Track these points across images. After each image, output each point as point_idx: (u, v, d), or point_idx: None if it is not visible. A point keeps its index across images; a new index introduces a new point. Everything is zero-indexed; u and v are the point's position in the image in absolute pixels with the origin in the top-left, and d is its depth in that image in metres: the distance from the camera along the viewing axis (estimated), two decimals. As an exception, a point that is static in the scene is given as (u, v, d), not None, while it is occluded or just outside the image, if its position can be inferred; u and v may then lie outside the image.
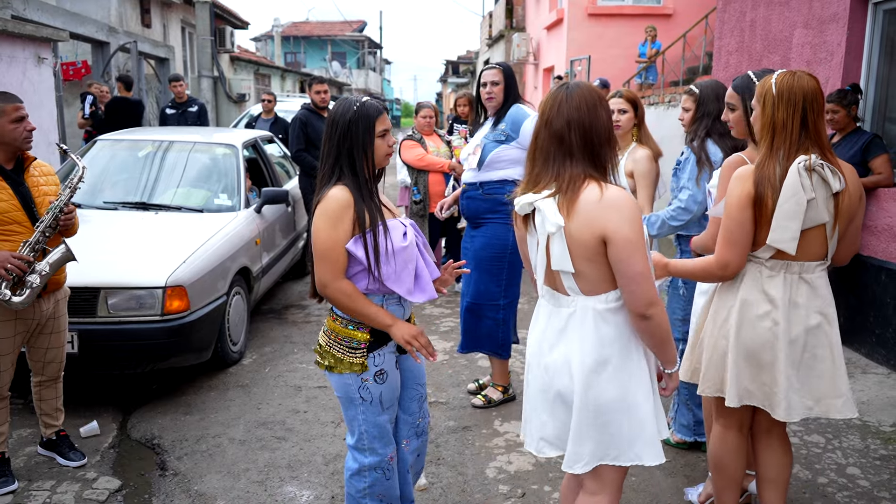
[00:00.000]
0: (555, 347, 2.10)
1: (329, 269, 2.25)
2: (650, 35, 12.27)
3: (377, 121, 2.29)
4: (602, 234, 1.94)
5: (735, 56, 6.82)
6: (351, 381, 2.35)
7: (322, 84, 6.76)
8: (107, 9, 12.92)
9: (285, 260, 6.13)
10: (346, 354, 2.34)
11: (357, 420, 2.40)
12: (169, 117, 8.76)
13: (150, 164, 5.38)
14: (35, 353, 3.30)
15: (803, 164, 2.31)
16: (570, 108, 2.02)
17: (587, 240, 1.96)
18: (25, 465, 3.40)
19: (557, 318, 2.11)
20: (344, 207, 2.22)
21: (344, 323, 2.35)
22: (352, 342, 2.34)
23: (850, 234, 2.51)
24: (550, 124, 2.04)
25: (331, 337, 2.38)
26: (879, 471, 3.41)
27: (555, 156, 2.03)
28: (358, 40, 45.15)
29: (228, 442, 3.66)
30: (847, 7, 5.18)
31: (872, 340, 4.80)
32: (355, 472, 2.44)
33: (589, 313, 2.05)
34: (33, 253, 3.03)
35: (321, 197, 2.27)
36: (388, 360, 2.39)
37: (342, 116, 2.29)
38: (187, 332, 4.01)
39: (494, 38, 21.41)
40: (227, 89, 16.22)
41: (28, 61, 7.43)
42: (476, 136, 4.02)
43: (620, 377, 2.05)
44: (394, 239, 2.26)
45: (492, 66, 3.97)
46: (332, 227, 2.21)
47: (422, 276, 2.36)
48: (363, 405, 2.37)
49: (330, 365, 2.37)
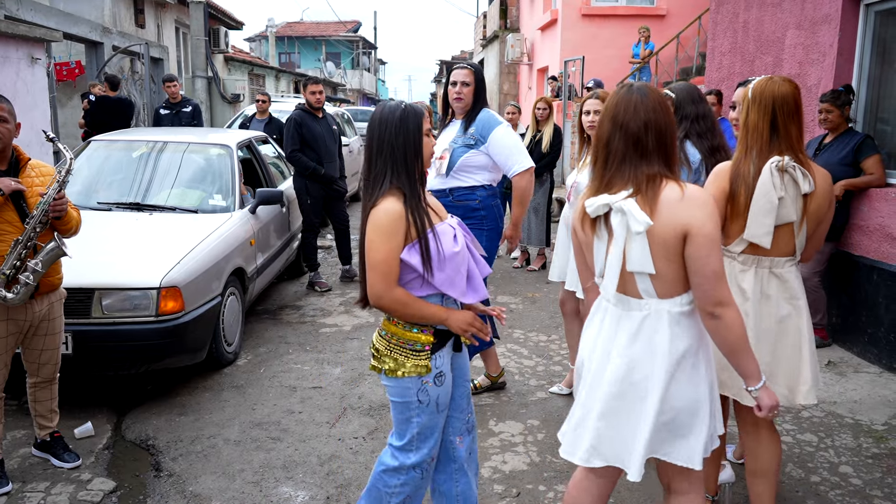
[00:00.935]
0: (627, 352, 2.09)
1: (383, 280, 2.22)
2: (644, 36, 12.30)
3: (423, 119, 2.31)
4: (685, 230, 1.96)
5: (728, 57, 6.84)
6: (411, 384, 2.32)
7: (317, 84, 6.75)
8: (100, 9, 12.90)
9: (280, 260, 6.13)
10: (410, 357, 2.31)
11: (411, 423, 2.37)
12: (163, 118, 8.75)
13: (144, 165, 5.37)
14: (30, 355, 3.29)
15: (776, 164, 2.48)
16: (646, 109, 2.04)
17: (669, 238, 1.98)
18: (20, 466, 3.39)
19: (629, 322, 2.09)
20: (397, 220, 2.20)
21: (407, 326, 2.32)
22: (415, 345, 2.31)
23: (817, 235, 2.65)
24: (626, 126, 2.05)
25: (391, 341, 2.34)
26: (871, 469, 3.43)
27: (630, 157, 2.05)
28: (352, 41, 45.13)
29: (223, 443, 3.66)
30: (839, 8, 5.20)
31: (864, 340, 4.83)
32: (392, 469, 2.41)
33: (664, 316, 2.05)
34: (25, 250, 3.02)
35: (374, 207, 2.24)
36: (446, 362, 2.38)
37: (391, 115, 2.28)
38: (182, 333, 4.01)
39: (488, 39, 21.42)
40: (222, 90, 16.19)
41: (21, 62, 7.41)
42: (442, 139, 3.92)
43: (694, 380, 2.06)
44: (445, 244, 2.25)
45: (463, 65, 3.86)
46: (387, 240, 2.20)
47: (473, 276, 2.36)
48: (419, 408, 2.34)
49: (390, 368, 2.33)
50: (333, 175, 6.60)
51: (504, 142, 3.83)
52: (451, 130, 3.91)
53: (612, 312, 2.15)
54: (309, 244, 6.64)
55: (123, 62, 13.62)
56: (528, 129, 7.38)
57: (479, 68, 3.91)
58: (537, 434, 3.78)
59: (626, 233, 2.02)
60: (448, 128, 3.96)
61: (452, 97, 3.82)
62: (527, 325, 5.65)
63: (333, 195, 6.70)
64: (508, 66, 19.28)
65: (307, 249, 6.66)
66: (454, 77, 3.81)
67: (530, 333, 5.46)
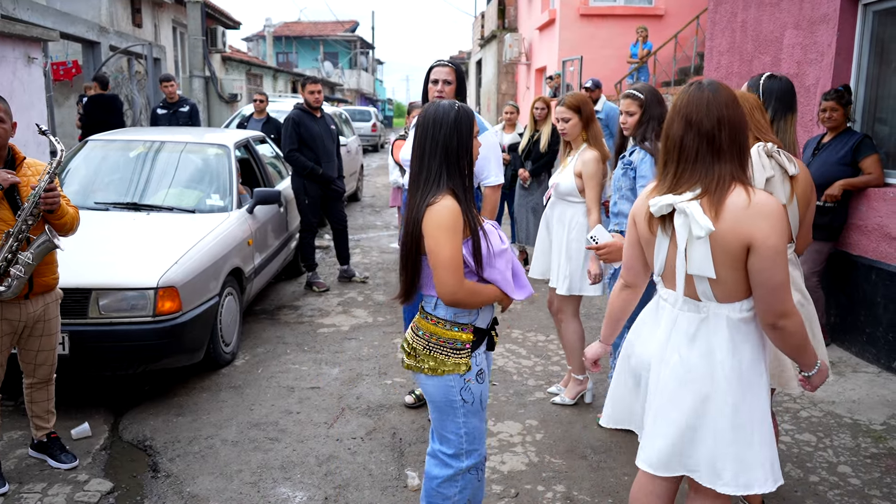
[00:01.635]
0: (685, 353, 2.06)
1: (455, 275, 2.21)
2: (641, 36, 12.31)
3: (474, 122, 2.33)
4: (748, 241, 1.90)
5: (726, 56, 6.84)
6: (454, 382, 2.31)
7: (316, 84, 6.74)
8: (97, 8, 12.87)
9: (278, 260, 6.12)
10: (451, 356, 2.30)
11: (457, 423, 2.35)
12: (160, 117, 8.73)
13: (141, 165, 5.36)
14: (26, 355, 3.28)
15: (762, 147, 2.65)
16: (719, 106, 1.99)
17: (732, 246, 1.93)
18: (16, 467, 3.38)
19: (687, 323, 2.07)
20: (457, 217, 2.21)
21: (447, 325, 2.31)
22: (455, 343, 2.30)
23: (806, 220, 2.78)
24: (700, 124, 1.99)
25: (430, 340, 2.32)
26: (870, 469, 3.43)
27: (702, 156, 1.99)
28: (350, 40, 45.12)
29: (221, 443, 3.65)
30: (837, 8, 5.21)
31: (863, 339, 4.83)
32: (446, 479, 2.38)
33: (722, 321, 2.02)
34: (17, 243, 3.00)
35: (430, 205, 2.23)
36: (483, 360, 2.38)
37: (445, 116, 2.28)
38: (179, 333, 3.99)
39: (486, 39, 21.41)
40: (219, 89, 16.16)
41: (18, 61, 7.40)
42: None
43: (758, 393, 2.03)
44: (493, 242, 2.29)
45: (444, 63, 3.76)
46: (452, 236, 2.20)
47: (518, 273, 2.37)
48: (464, 407, 2.33)
49: (431, 368, 2.31)
50: (331, 175, 6.59)
51: (486, 149, 3.76)
52: None
53: (669, 312, 2.12)
54: (307, 244, 6.63)
55: (121, 62, 13.61)
56: (526, 129, 7.37)
57: (460, 66, 3.84)
58: (536, 434, 3.77)
59: (687, 234, 1.98)
60: None
61: (434, 95, 3.72)
62: (525, 325, 5.64)
63: (331, 195, 6.68)
64: (506, 66, 19.27)
65: (305, 249, 6.64)
66: (436, 75, 3.72)
67: (528, 333, 5.45)
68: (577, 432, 3.76)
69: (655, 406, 2.12)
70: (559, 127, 3.99)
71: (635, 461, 2.22)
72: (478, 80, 24.39)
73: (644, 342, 2.21)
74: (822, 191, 4.74)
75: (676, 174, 2.04)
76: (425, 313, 2.36)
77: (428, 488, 2.44)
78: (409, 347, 2.38)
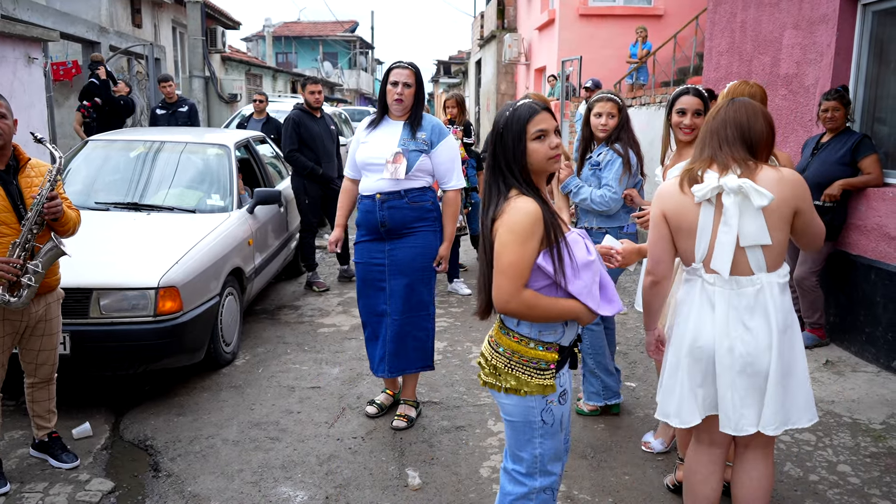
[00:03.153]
0: (748, 324, 2.34)
1: (513, 284, 2.08)
2: (641, 36, 12.32)
3: (529, 123, 2.12)
4: (795, 205, 2.30)
5: (726, 57, 6.85)
6: (535, 403, 2.17)
7: (316, 84, 6.75)
8: (97, 8, 12.88)
9: (278, 260, 6.12)
10: (535, 376, 2.15)
11: (533, 444, 2.22)
12: (159, 118, 8.74)
13: (142, 165, 5.36)
14: (27, 355, 3.28)
15: None
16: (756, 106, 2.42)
17: (784, 211, 2.29)
18: (18, 467, 3.38)
19: (743, 298, 2.34)
20: (535, 222, 2.07)
21: (532, 344, 2.16)
22: (539, 363, 2.16)
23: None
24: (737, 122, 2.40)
25: (512, 358, 2.17)
26: (870, 468, 3.44)
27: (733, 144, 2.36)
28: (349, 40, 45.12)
29: (222, 443, 3.66)
30: (836, 8, 5.21)
31: (862, 339, 4.83)
32: (520, 497, 2.27)
33: (775, 287, 2.35)
34: (24, 252, 3.01)
35: (506, 207, 2.10)
36: (568, 380, 2.26)
37: (497, 121, 2.18)
38: (180, 333, 4.00)
39: (486, 39, 21.41)
40: (219, 89, 16.17)
41: (18, 61, 7.40)
42: (382, 139, 3.68)
43: (797, 343, 2.40)
44: (577, 253, 2.12)
45: (404, 64, 3.66)
46: (522, 242, 2.06)
47: (606, 287, 2.22)
48: (543, 428, 2.20)
49: (512, 387, 2.17)
50: (331, 175, 6.60)
51: (451, 153, 3.76)
52: (390, 132, 3.69)
53: (721, 293, 2.36)
54: (307, 244, 6.63)
55: (121, 62, 13.61)
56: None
57: (419, 69, 3.73)
58: (536, 434, 3.78)
59: (738, 211, 2.26)
60: (381, 128, 3.73)
61: (393, 98, 3.60)
62: (525, 325, 5.64)
63: (331, 195, 6.67)
64: (506, 66, 19.27)
65: (305, 249, 6.65)
66: (396, 77, 3.61)
67: (528, 333, 5.45)
68: (577, 432, 3.76)
69: (731, 378, 2.37)
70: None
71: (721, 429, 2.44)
72: (477, 80, 24.41)
73: (700, 331, 2.41)
74: (821, 190, 4.75)
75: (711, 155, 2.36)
76: (506, 329, 2.20)
77: (502, 503, 2.33)
78: (488, 364, 2.23)
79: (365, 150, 3.72)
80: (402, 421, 3.83)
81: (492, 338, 2.25)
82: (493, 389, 2.23)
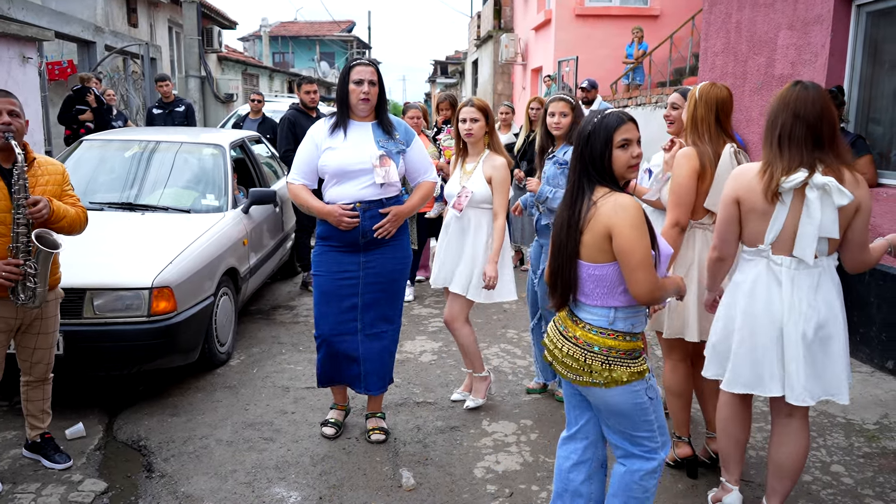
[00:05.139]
0: (814, 302, 2.57)
1: (654, 274, 2.28)
2: (637, 36, 12.32)
3: (616, 131, 2.31)
4: (857, 205, 2.50)
5: (721, 57, 6.86)
6: (639, 386, 2.36)
7: (312, 84, 6.75)
8: (93, 8, 12.85)
9: (273, 260, 6.11)
10: (632, 365, 2.34)
11: (649, 421, 2.40)
12: (156, 117, 8.73)
13: (136, 165, 5.35)
14: (23, 353, 3.28)
15: (733, 149, 3.03)
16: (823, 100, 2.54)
17: (848, 210, 2.51)
18: (10, 467, 3.37)
19: (808, 279, 2.58)
20: (643, 214, 2.28)
21: (627, 337, 2.34)
22: (633, 352, 2.35)
23: None
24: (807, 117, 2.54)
25: (610, 356, 2.33)
26: (863, 468, 3.45)
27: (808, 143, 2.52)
28: (346, 40, 45.05)
29: (216, 443, 3.65)
30: (831, 9, 5.22)
31: (856, 339, 4.84)
32: (650, 472, 2.44)
33: (832, 269, 2.62)
34: (24, 254, 3.00)
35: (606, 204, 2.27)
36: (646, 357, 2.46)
37: (584, 128, 2.36)
38: (174, 334, 3.99)
39: (482, 39, 21.41)
40: (215, 89, 16.13)
41: (13, 61, 7.39)
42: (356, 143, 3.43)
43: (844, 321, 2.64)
44: (662, 246, 2.37)
45: (365, 61, 3.47)
46: (643, 234, 2.26)
47: None
48: (652, 403, 2.40)
49: (615, 379, 2.32)
50: (327, 175, 6.57)
51: (424, 150, 3.68)
52: (361, 134, 3.46)
53: (787, 273, 2.58)
54: (302, 244, 6.63)
55: (117, 62, 13.59)
56: (521, 129, 7.38)
57: (379, 66, 3.56)
58: (530, 434, 3.78)
59: (821, 205, 2.47)
60: (349, 131, 3.46)
61: (359, 97, 3.38)
62: (520, 325, 5.65)
63: (327, 195, 6.67)
64: (502, 67, 19.27)
65: (300, 249, 6.64)
66: (360, 75, 3.38)
67: (524, 333, 5.46)
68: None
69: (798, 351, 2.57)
70: (465, 127, 3.85)
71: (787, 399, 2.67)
72: (474, 80, 24.40)
73: (766, 306, 2.61)
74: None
75: (790, 157, 2.51)
76: (596, 328, 2.35)
77: (628, 482, 2.46)
78: (582, 365, 2.35)
79: (339, 156, 3.41)
80: (380, 434, 3.70)
81: (581, 340, 2.36)
82: (595, 387, 2.37)
